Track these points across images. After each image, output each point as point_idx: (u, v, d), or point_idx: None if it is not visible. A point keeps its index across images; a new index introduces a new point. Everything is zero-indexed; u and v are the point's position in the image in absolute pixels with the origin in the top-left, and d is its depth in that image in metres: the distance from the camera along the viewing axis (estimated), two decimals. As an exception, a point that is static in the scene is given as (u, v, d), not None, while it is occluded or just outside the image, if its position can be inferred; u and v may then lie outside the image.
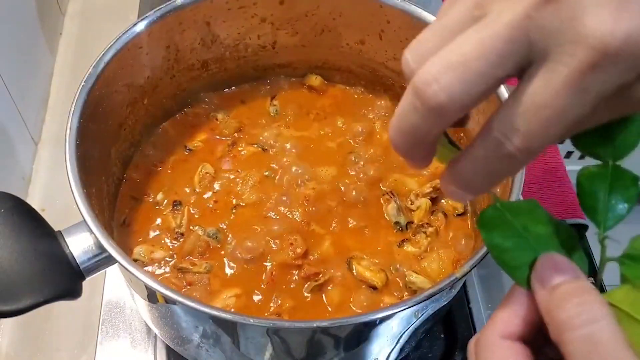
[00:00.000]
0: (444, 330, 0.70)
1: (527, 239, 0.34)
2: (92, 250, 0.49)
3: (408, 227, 0.63)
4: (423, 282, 0.58)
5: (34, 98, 0.88)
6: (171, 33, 0.64)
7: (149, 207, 0.64)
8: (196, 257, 0.60)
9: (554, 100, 0.27)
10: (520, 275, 0.34)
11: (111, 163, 0.63)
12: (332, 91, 0.76)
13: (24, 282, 0.47)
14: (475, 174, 0.32)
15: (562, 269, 0.32)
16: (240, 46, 0.71)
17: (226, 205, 0.64)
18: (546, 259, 0.33)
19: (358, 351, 0.53)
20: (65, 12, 1.03)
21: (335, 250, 0.61)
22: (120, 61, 0.59)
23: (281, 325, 0.48)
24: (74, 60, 0.96)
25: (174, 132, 0.70)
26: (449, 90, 0.28)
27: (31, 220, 0.50)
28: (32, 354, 0.69)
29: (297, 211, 0.63)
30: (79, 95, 0.55)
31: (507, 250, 0.35)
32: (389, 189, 0.65)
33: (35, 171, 0.84)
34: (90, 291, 0.69)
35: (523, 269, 0.34)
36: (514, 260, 0.34)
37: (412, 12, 0.63)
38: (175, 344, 0.59)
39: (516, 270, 0.34)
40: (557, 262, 0.32)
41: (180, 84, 0.70)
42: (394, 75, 0.71)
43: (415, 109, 0.30)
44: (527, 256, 0.34)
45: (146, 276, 0.46)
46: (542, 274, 0.32)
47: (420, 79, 0.30)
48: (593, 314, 0.29)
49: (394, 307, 0.46)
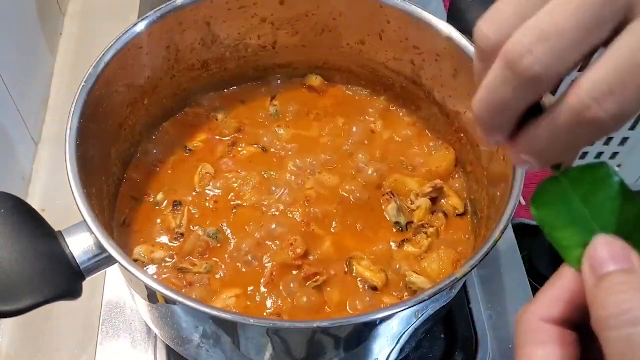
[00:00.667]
0: (444, 330, 0.70)
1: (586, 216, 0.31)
2: (92, 250, 0.49)
3: (408, 227, 0.63)
4: (423, 282, 0.58)
5: (34, 98, 0.88)
6: (171, 33, 0.64)
7: (149, 207, 0.64)
8: (196, 257, 0.60)
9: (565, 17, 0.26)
10: (572, 255, 0.31)
11: (111, 163, 0.63)
12: (332, 91, 0.76)
13: (24, 282, 0.47)
14: (554, 141, 0.30)
15: (617, 255, 0.29)
16: (240, 46, 0.71)
17: (226, 205, 0.64)
18: (601, 241, 0.30)
19: (358, 351, 0.53)
20: (65, 12, 1.03)
21: (335, 250, 0.61)
22: (120, 61, 0.59)
23: (281, 325, 0.48)
24: (74, 60, 0.97)
25: (174, 132, 0.70)
26: (545, 61, 0.27)
27: (31, 220, 0.50)
28: (32, 354, 0.69)
29: (297, 211, 0.63)
30: (79, 95, 0.55)
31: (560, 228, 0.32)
32: (389, 189, 0.65)
33: (35, 171, 0.84)
34: (90, 291, 0.69)
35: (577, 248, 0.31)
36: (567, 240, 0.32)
37: (412, 12, 0.63)
38: (175, 344, 0.59)
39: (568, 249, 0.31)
40: (613, 247, 0.29)
41: (180, 84, 0.70)
42: (394, 75, 0.71)
43: (507, 81, 0.29)
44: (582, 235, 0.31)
45: (146, 276, 0.46)
46: (594, 258, 0.29)
47: (512, 51, 0.28)
48: (636, 314, 0.26)
49: (394, 307, 0.46)
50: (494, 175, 0.60)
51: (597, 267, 0.29)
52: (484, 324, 0.69)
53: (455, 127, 0.68)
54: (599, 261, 0.29)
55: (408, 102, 0.73)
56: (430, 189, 0.64)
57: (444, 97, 0.67)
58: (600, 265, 0.29)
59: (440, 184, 0.65)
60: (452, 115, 0.67)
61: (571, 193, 0.32)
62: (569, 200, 0.32)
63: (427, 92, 0.69)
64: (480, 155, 0.64)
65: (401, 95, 0.73)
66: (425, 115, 0.71)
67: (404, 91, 0.72)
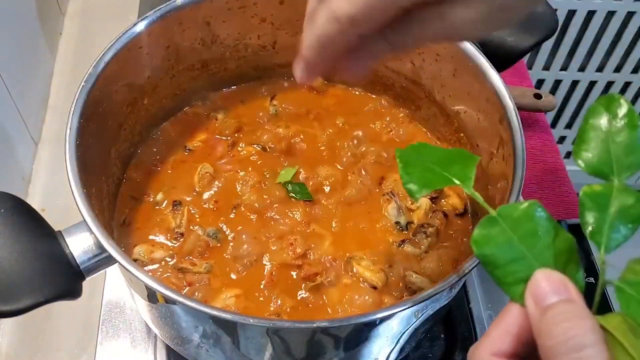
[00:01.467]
0: (444, 330, 0.70)
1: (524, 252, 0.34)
2: (92, 250, 0.49)
3: (408, 227, 0.63)
4: (423, 282, 0.58)
5: (34, 98, 0.88)
6: (171, 33, 0.64)
7: (149, 207, 0.64)
8: (196, 257, 0.60)
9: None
10: (515, 291, 0.33)
11: (111, 163, 0.63)
12: (332, 91, 0.76)
13: (24, 282, 0.47)
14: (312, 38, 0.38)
15: (557, 288, 0.32)
16: (240, 46, 0.71)
17: (226, 205, 0.64)
18: (541, 275, 0.33)
19: (358, 351, 0.53)
20: (65, 12, 1.03)
21: (335, 250, 0.61)
22: (120, 61, 0.59)
23: (281, 325, 0.48)
24: (74, 60, 0.97)
25: (174, 132, 0.70)
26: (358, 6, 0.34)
27: (31, 220, 0.50)
28: (32, 354, 0.69)
29: (297, 211, 0.63)
30: (79, 95, 0.55)
31: (502, 266, 0.34)
32: (389, 189, 0.65)
33: (35, 171, 0.84)
34: (90, 291, 0.69)
35: (520, 285, 0.33)
36: (510, 276, 0.34)
37: (412, 12, 0.63)
38: (175, 344, 0.59)
39: (511, 286, 0.34)
40: (552, 280, 0.32)
41: (180, 84, 0.70)
42: (394, 75, 0.71)
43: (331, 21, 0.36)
44: (523, 271, 0.33)
45: (146, 276, 0.46)
46: (536, 292, 0.32)
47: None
48: (582, 340, 0.29)
49: (394, 307, 0.46)
50: (494, 175, 0.60)
51: (540, 299, 0.32)
52: (484, 324, 0.69)
53: (455, 127, 0.68)
54: (541, 294, 0.32)
55: (408, 102, 0.72)
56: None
57: (444, 97, 0.67)
58: (542, 298, 0.32)
59: (440, 184, 0.65)
60: (452, 115, 0.67)
61: (509, 232, 0.34)
62: (508, 239, 0.34)
63: (427, 92, 0.69)
64: (480, 155, 0.64)
65: (401, 95, 0.73)
66: (425, 115, 0.71)
67: (404, 91, 0.72)
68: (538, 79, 1.48)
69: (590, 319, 0.30)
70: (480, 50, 0.61)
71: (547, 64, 1.45)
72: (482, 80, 0.60)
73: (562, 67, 1.46)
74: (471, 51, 0.61)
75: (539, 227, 0.34)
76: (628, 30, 1.37)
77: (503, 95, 0.58)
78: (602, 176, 0.35)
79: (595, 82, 1.49)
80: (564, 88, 1.50)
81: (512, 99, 0.57)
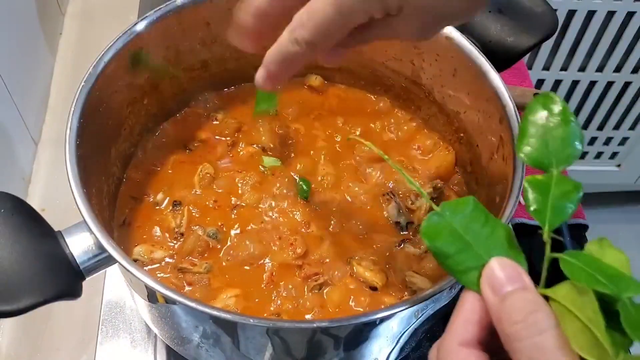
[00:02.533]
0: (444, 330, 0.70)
1: (469, 243, 0.36)
2: (92, 250, 0.49)
3: (408, 227, 0.63)
4: (423, 282, 0.58)
5: (34, 98, 0.88)
6: (171, 33, 0.64)
7: (149, 207, 0.64)
8: (196, 257, 0.60)
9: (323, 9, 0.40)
10: (468, 279, 0.36)
11: (111, 163, 0.63)
12: (332, 91, 0.76)
13: (24, 282, 0.47)
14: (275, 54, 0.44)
15: (512, 275, 0.34)
16: (240, 46, 0.71)
17: (226, 205, 0.64)
18: (495, 264, 0.35)
19: (358, 351, 0.53)
20: (65, 12, 1.03)
21: (335, 250, 0.61)
22: (120, 61, 0.59)
23: (281, 325, 0.48)
24: (74, 60, 0.97)
25: (174, 132, 0.70)
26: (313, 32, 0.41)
27: (31, 220, 0.50)
28: (32, 354, 0.69)
29: (297, 211, 0.63)
30: (79, 95, 0.55)
31: (452, 256, 0.37)
32: (389, 189, 0.65)
33: (35, 171, 0.84)
34: (90, 291, 0.69)
35: (471, 272, 0.36)
36: (460, 265, 0.36)
37: (412, 12, 0.63)
38: (175, 344, 0.59)
39: (463, 274, 0.36)
40: (506, 268, 0.34)
41: (180, 84, 0.70)
42: (394, 75, 0.71)
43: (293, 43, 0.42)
44: (470, 260, 0.36)
45: (146, 276, 0.46)
46: (493, 281, 0.34)
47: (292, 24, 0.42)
48: (539, 326, 0.31)
49: (394, 307, 0.46)
50: (494, 175, 0.60)
51: (497, 288, 0.34)
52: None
53: (455, 127, 0.68)
54: (498, 282, 0.34)
55: (408, 102, 0.72)
56: (431, 189, 0.64)
57: (444, 97, 0.67)
58: (500, 286, 0.34)
59: (440, 184, 0.65)
60: (452, 115, 0.67)
61: (452, 225, 0.37)
62: (453, 231, 0.37)
63: (427, 92, 0.69)
64: (480, 155, 0.64)
65: (401, 95, 0.73)
66: (425, 115, 0.71)
67: (404, 91, 0.72)
68: (538, 79, 1.48)
69: (545, 304, 0.32)
70: (480, 50, 0.61)
71: (547, 64, 1.45)
72: (482, 80, 0.60)
73: (562, 67, 1.46)
74: (471, 51, 0.61)
75: (477, 220, 0.37)
76: (628, 30, 1.37)
77: (503, 95, 0.58)
78: (543, 168, 0.39)
79: (595, 82, 1.49)
80: (564, 88, 1.50)
81: (512, 99, 0.57)
